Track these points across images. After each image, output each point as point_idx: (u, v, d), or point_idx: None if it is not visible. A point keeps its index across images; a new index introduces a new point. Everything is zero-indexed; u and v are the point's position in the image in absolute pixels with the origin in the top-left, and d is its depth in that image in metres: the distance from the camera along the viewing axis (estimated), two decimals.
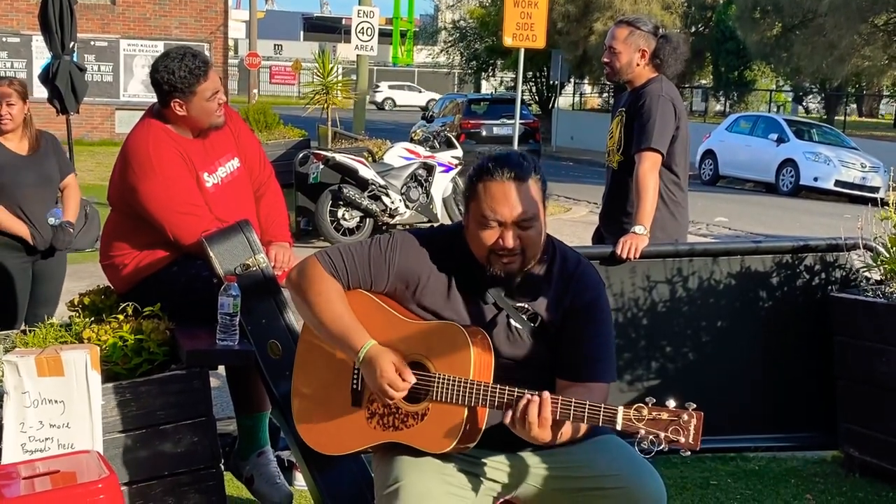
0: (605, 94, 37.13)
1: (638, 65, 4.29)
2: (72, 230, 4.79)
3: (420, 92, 49.15)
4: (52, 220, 4.73)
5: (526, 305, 2.59)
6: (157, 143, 3.50)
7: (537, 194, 2.52)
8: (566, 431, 2.42)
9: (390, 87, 49.84)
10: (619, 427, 2.31)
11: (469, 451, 2.55)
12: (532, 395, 2.36)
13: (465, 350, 2.47)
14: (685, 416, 2.26)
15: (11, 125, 4.71)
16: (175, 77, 3.48)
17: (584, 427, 2.43)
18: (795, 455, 4.51)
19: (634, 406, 2.30)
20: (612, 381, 2.63)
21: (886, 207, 4.31)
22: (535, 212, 2.51)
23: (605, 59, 4.39)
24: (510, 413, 2.36)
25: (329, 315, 2.60)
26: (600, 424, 2.35)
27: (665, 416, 2.27)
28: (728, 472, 4.31)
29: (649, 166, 4.19)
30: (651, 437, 2.27)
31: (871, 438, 4.15)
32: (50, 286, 4.89)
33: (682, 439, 2.26)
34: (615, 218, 4.37)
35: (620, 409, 2.31)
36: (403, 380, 2.49)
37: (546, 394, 2.36)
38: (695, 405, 2.28)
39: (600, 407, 2.33)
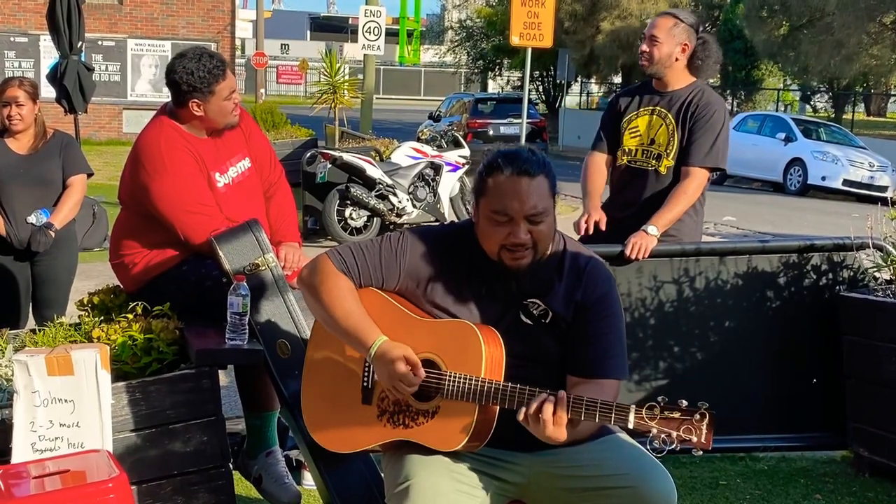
0: (612, 94, 37.05)
1: (677, 59, 4.18)
2: (52, 233, 4.72)
3: None
4: (31, 220, 4.70)
5: (537, 301, 2.59)
6: (169, 143, 3.51)
7: (547, 189, 2.52)
8: (582, 429, 2.41)
9: None
10: (630, 426, 2.30)
11: (479, 449, 2.55)
12: (548, 394, 2.35)
13: (477, 348, 2.48)
14: (697, 416, 2.26)
15: (21, 126, 4.72)
16: (194, 77, 3.48)
17: (595, 425, 2.42)
18: (805, 455, 4.49)
19: (646, 405, 2.29)
20: (624, 378, 2.63)
21: (895, 207, 4.30)
22: (545, 206, 2.50)
23: (644, 48, 4.23)
24: (523, 410, 2.36)
25: (341, 311, 2.60)
26: (612, 423, 2.34)
27: (677, 415, 2.27)
28: (737, 472, 4.30)
29: (701, 182, 4.16)
30: (663, 435, 2.26)
31: (880, 438, 4.14)
32: (52, 289, 4.87)
33: (695, 438, 2.25)
34: None
35: (632, 407, 2.30)
36: (415, 374, 2.49)
37: (562, 393, 2.35)
38: (707, 405, 2.27)
39: (612, 405, 2.32)
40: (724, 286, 4.34)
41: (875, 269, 4.29)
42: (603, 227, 4.24)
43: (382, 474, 2.75)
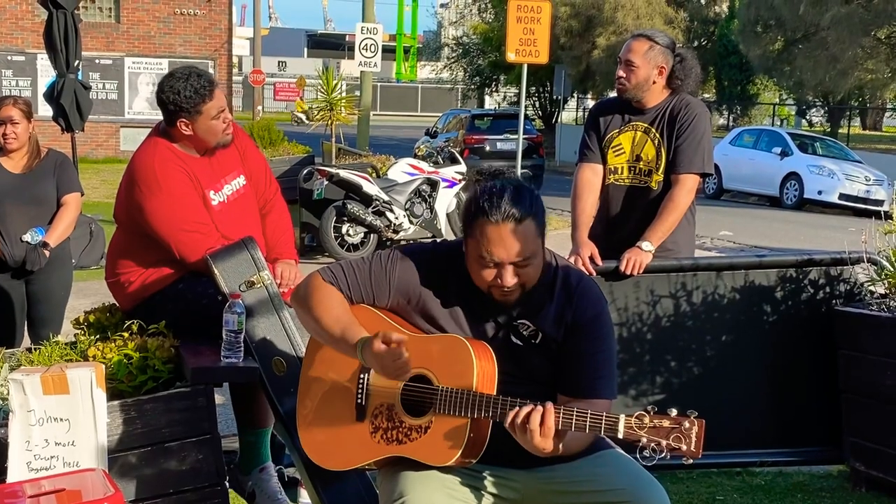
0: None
1: (654, 82, 4.12)
2: (47, 252, 4.71)
3: None
4: (27, 238, 4.70)
5: (527, 322, 2.59)
6: (163, 162, 3.53)
7: (535, 231, 2.49)
8: (571, 444, 2.41)
9: None
10: (620, 435, 2.30)
11: (473, 465, 2.55)
12: (536, 404, 2.35)
13: (468, 362, 2.48)
14: (686, 424, 2.26)
15: (16, 144, 4.73)
16: (180, 97, 3.50)
17: (586, 439, 2.42)
18: (801, 470, 4.49)
19: (636, 414, 2.30)
20: (614, 399, 2.63)
21: (890, 221, 4.30)
22: (532, 250, 2.49)
23: (621, 73, 4.15)
24: (511, 414, 2.35)
25: (329, 318, 2.60)
26: (602, 433, 2.34)
27: (666, 423, 2.27)
28: (734, 487, 4.29)
29: (691, 189, 4.11)
30: (653, 444, 2.26)
31: (877, 452, 4.14)
32: (47, 307, 4.86)
33: (684, 447, 2.25)
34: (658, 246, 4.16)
35: (622, 417, 2.31)
36: (396, 344, 2.43)
37: (549, 404, 2.35)
38: (696, 413, 2.27)
39: (602, 415, 2.33)
40: (720, 301, 4.35)
41: (870, 284, 4.30)
42: (599, 262, 4.15)
43: (378, 491, 2.75)
